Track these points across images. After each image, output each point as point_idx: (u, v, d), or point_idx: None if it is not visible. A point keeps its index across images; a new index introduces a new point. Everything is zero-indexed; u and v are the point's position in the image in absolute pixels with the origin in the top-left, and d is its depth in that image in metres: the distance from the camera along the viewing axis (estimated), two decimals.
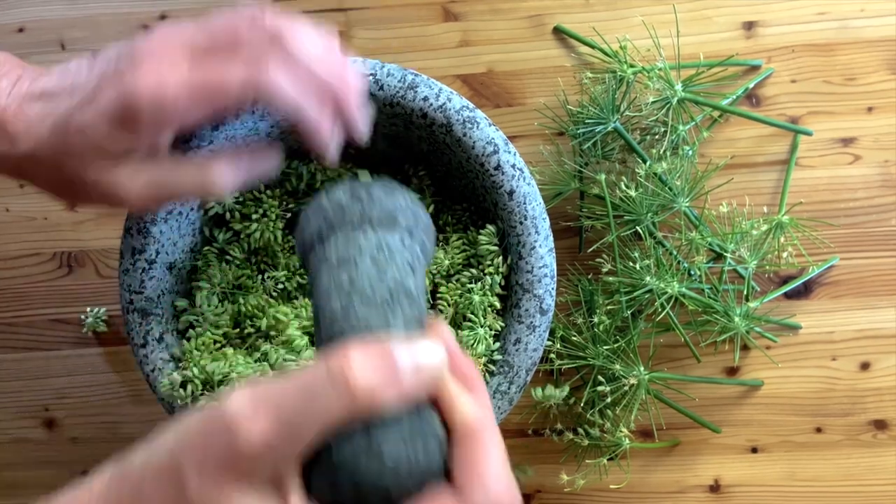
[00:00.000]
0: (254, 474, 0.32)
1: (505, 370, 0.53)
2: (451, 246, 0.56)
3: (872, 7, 0.65)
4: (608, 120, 0.61)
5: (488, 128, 0.53)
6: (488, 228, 0.55)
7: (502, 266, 0.54)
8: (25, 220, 0.68)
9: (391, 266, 0.38)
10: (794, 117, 0.66)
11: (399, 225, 0.40)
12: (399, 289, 0.37)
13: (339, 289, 0.37)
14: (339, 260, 0.38)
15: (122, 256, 0.54)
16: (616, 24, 0.66)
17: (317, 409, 0.32)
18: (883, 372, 0.65)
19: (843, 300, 0.66)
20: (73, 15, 0.68)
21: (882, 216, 0.65)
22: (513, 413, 0.65)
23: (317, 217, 0.41)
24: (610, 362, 0.60)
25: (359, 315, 0.36)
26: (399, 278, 0.38)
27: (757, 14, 0.66)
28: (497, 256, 0.55)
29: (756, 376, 0.66)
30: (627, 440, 0.62)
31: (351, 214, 0.40)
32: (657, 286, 0.58)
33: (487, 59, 0.67)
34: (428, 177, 0.59)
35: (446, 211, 0.59)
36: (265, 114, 0.54)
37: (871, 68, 0.66)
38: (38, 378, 0.68)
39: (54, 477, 0.68)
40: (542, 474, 0.66)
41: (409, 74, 0.53)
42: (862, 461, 0.65)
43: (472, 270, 0.56)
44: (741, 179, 0.66)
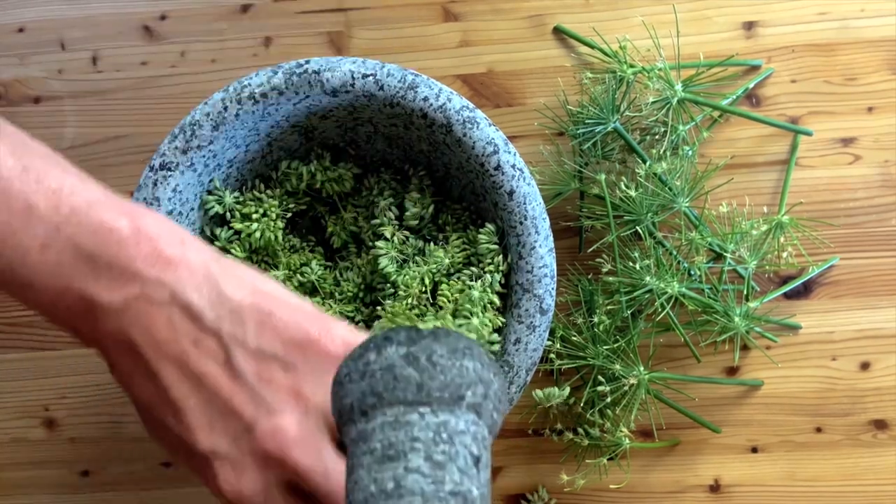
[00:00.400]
0: None
1: (505, 370, 0.53)
2: (451, 245, 0.56)
3: (873, 7, 0.65)
4: (608, 120, 0.61)
5: (488, 128, 0.53)
6: (488, 227, 0.55)
7: (502, 264, 0.54)
8: None
9: (451, 466, 0.31)
10: (794, 117, 0.66)
11: (465, 402, 0.33)
12: (459, 501, 0.31)
13: (381, 495, 0.30)
14: (385, 451, 0.31)
15: None
16: (616, 24, 0.66)
17: None
18: (883, 372, 0.65)
19: (843, 300, 0.66)
20: (73, 15, 0.68)
21: (882, 216, 0.65)
22: (513, 413, 0.65)
23: (360, 382, 0.33)
24: (610, 362, 0.60)
25: None
26: (460, 484, 0.31)
27: (757, 14, 0.66)
28: (497, 255, 0.55)
29: (756, 376, 0.66)
30: (627, 440, 0.62)
31: (405, 386, 0.32)
32: (657, 286, 0.58)
33: (487, 59, 0.67)
34: (428, 177, 0.59)
35: (446, 210, 0.59)
36: (265, 114, 0.55)
37: (871, 68, 0.66)
38: (38, 378, 0.68)
39: (54, 477, 0.68)
40: (543, 474, 0.66)
41: (409, 74, 0.53)
42: (862, 461, 0.65)
43: (472, 269, 0.56)
44: (741, 179, 0.66)
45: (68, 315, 0.40)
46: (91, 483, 0.68)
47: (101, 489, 0.68)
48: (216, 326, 0.41)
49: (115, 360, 0.42)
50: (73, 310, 0.40)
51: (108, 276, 0.39)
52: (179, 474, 0.67)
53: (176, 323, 0.40)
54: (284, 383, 0.42)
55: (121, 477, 0.68)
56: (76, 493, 0.68)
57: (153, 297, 0.40)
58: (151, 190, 0.54)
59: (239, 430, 0.41)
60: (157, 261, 0.40)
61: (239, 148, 0.56)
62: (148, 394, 0.42)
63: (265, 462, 0.42)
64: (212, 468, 0.42)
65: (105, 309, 0.40)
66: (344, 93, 0.54)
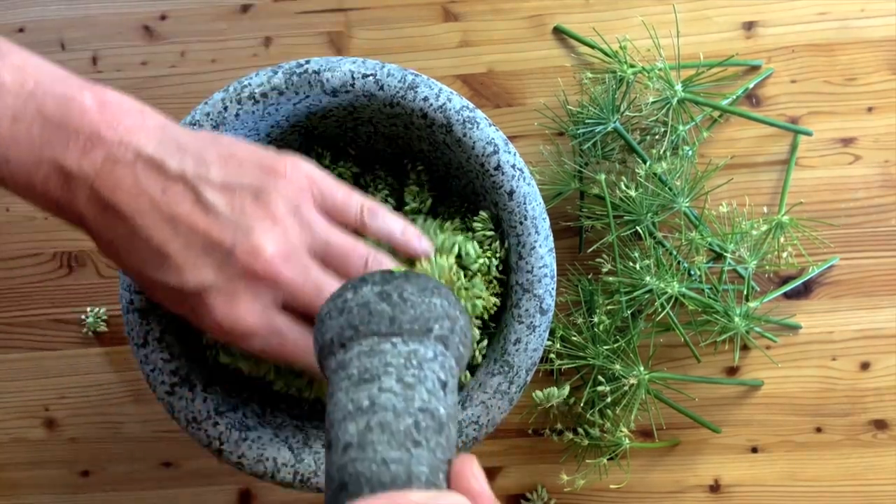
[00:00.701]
0: None
1: (505, 370, 0.53)
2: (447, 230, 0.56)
3: (873, 7, 0.65)
4: (608, 120, 0.61)
5: (488, 128, 0.53)
6: (482, 214, 0.55)
7: (500, 251, 0.54)
8: (25, 220, 0.68)
9: (420, 387, 0.34)
10: (794, 117, 0.66)
11: (433, 334, 0.36)
12: (427, 417, 0.33)
13: (358, 412, 0.33)
14: (361, 375, 0.35)
15: None
16: (616, 24, 0.66)
17: None
18: (883, 372, 0.65)
19: (843, 300, 0.66)
20: (73, 15, 0.68)
21: (882, 216, 0.66)
22: (513, 413, 0.65)
23: (339, 318, 0.37)
24: (610, 362, 0.60)
25: (377, 449, 0.32)
26: (428, 402, 0.34)
27: (757, 14, 0.66)
28: (494, 241, 0.55)
29: (756, 376, 0.66)
30: (627, 440, 0.62)
31: (379, 319, 0.36)
32: (657, 286, 0.58)
33: (487, 59, 0.67)
34: (426, 172, 0.58)
35: (444, 204, 0.59)
36: (265, 114, 0.54)
37: (871, 68, 0.66)
38: (38, 378, 0.68)
39: (54, 477, 0.68)
40: (542, 474, 0.66)
41: (409, 74, 0.53)
42: (862, 461, 0.65)
43: None
44: (741, 179, 0.66)
45: (46, 189, 0.43)
46: (91, 483, 0.68)
47: (101, 489, 0.68)
48: (180, 170, 0.43)
49: (98, 228, 0.43)
50: (50, 183, 0.42)
51: (76, 144, 0.42)
52: (179, 474, 0.67)
53: (142, 177, 0.43)
54: (258, 210, 0.44)
55: (121, 477, 0.68)
56: (76, 493, 0.68)
57: (119, 157, 0.43)
58: None
59: (222, 257, 0.43)
60: (119, 125, 0.43)
61: None
62: (134, 253, 0.44)
63: (255, 282, 0.44)
64: (206, 304, 0.44)
65: (77, 176, 0.42)
66: (344, 93, 0.54)
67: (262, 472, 0.53)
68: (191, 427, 0.53)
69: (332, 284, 0.45)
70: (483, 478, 0.35)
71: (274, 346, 0.46)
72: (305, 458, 0.53)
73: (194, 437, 0.53)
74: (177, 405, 0.52)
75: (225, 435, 0.53)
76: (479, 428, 0.53)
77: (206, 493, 0.67)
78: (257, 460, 0.53)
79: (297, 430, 0.56)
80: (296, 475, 0.53)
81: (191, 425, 0.53)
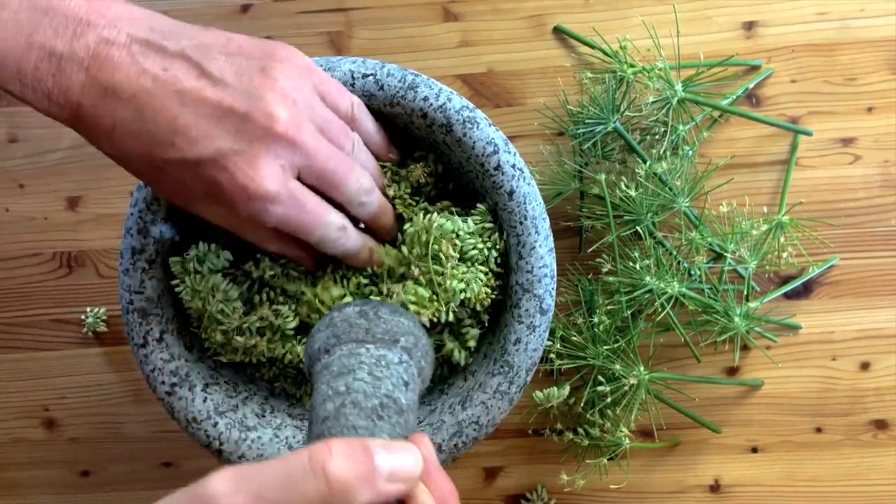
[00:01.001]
0: None
1: (505, 370, 0.53)
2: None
3: (873, 7, 0.65)
4: (608, 120, 0.61)
5: (488, 128, 0.53)
6: (479, 207, 0.55)
7: (499, 242, 0.54)
8: (25, 220, 0.68)
9: (386, 381, 0.41)
10: (794, 117, 0.66)
11: (399, 345, 0.44)
12: (390, 402, 0.40)
13: (336, 395, 0.40)
14: (340, 370, 0.41)
15: (122, 256, 0.54)
16: (616, 24, 0.66)
17: (293, 496, 0.33)
18: (883, 372, 0.65)
19: (844, 300, 0.66)
20: None
21: (882, 216, 0.65)
22: (513, 413, 0.65)
23: (326, 331, 0.44)
24: (610, 362, 0.60)
25: (349, 418, 0.39)
26: (391, 392, 0.41)
27: (757, 14, 0.66)
28: (493, 233, 0.54)
29: (756, 376, 0.66)
30: (627, 440, 0.62)
31: (357, 330, 0.44)
32: (657, 286, 0.58)
33: (487, 59, 0.67)
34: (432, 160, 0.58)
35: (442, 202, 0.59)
36: None
37: (871, 68, 0.66)
38: (38, 378, 0.68)
39: (54, 477, 0.68)
40: (542, 474, 0.66)
41: (409, 74, 0.53)
42: (862, 461, 0.65)
43: None
44: (741, 179, 0.66)
45: (38, 78, 0.42)
46: (91, 483, 0.68)
47: (101, 489, 0.68)
48: (179, 49, 0.43)
49: (98, 116, 0.42)
50: (41, 70, 0.41)
51: (65, 28, 0.41)
52: (179, 474, 0.67)
53: (140, 57, 0.42)
54: (265, 82, 0.44)
55: (121, 477, 0.68)
56: (76, 493, 0.68)
57: (112, 39, 0.42)
58: (151, 190, 0.54)
59: (237, 122, 0.43)
60: (108, 12, 0.42)
61: None
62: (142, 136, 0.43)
63: (275, 143, 0.43)
64: (226, 170, 0.43)
65: (70, 59, 0.41)
66: None
67: None
68: (191, 427, 0.53)
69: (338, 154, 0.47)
70: (433, 450, 0.40)
71: (293, 212, 0.46)
72: None
73: (194, 437, 0.53)
74: (177, 405, 0.52)
75: (225, 435, 0.53)
76: (480, 428, 0.53)
77: None
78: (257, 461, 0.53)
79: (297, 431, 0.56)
80: None
81: (191, 425, 0.53)
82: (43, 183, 0.68)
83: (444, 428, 0.53)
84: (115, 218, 0.67)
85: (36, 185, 0.68)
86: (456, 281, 0.52)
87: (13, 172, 0.68)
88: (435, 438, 0.53)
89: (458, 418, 0.53)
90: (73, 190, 0.68)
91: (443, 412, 0.54)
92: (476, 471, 0.67)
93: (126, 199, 0.67)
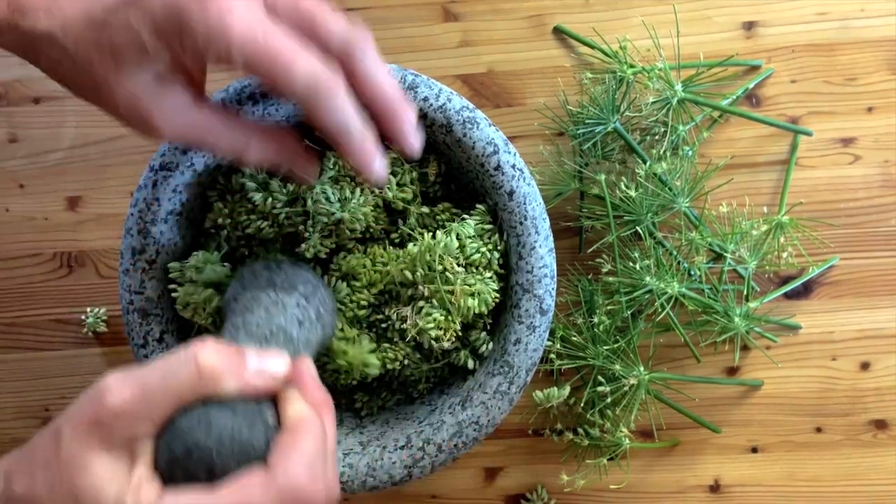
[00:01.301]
0: (112, 438, 0.37)
1: (505, 370, 0.53)
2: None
3: (873, 7, 0.65)
4: (608, 120, 0.61)
5: (488, 128, 0.53)
6: (479, 208, 0.55)
7: (500, 243, 0.54)
8: (25, 220, 0.68)
9: (280, 316, 0.45)
10: (794, 117, 0.66)
11: (297, 291, 0.48)
12: (280, 332, 0.44)
13: (233, 327, 0.45)
14: (242, 309, 0.46)
15: (122, 256, 0.54)
16: (616, 24, 0.66)
17: (170, 383, 0.38)
18: (883, 372, 0.65)
19: (843, 300, 0.66)
20: None
21: (882, 216, 0.66)
22: (513, 413, 0.66)
23: (237, 282, 0.49)
24: (610, 362, 0.60)
25: (239, 342, 0.43)
26: (284, 325, 0.45)
27: (757, 14, 0.66)
28: (493, 234, 0.54)
29: (756, 376, 0.66)
30: (627, 440, 0.62)
31: (260, 279, 0.48)
32: (657, 286, 0.58)
33: (487, 59, 0.67)
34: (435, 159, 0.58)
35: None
36: (266, 114, 0.54)
37: (871, 68, 0.66)
38: (38, 378, 0.68)
39: None
40: (542, 474, 0.66)
41: (409, 75, 0.53)
42: (862, 461, 0.65)
43: None
44: (741, 179, 0.66)
45: None
46: None
47: None
48: None
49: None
50: None
51: None
52: None
53: None
54: None
55: None
56: None
57: None
58: (151, 190, 0.54)
59: None
60: None
61: None
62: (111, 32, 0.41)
63: None
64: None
65: None
66: None
67: None
68: None
69: None
70: (313, 369, 0.43)
71: (261, 43, 0.40)
72: None
73: None
74: None
75: None
76: (480, 428, 0.53)
77: None
78: None
79: None
80: None
81: None
82: (43, 183, 0.68)
83: (444, 428, 0.53)
84: (115, 218, 0.67)
85: (36, 185, 0.68)
86: (468, 298, 0.52)
87: (13, 172, 0.68)
88: (435, 438, 0.53)
89: (458, 418, 0.53)
90: (73, 190, 0.68)
91: (443, 412, 0.54)
92: (476, 471, 0.67)
93: (126, 199, 0.67)
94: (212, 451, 0.38)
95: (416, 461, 0.53)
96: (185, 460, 0.38)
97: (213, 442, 0.38)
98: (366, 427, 0.58)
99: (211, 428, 0.39)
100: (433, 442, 0.53)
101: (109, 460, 0.37)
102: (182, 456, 0.38)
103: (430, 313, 0.52)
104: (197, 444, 0.38)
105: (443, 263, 0.52)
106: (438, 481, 0.67)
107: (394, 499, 0.67)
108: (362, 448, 0.54)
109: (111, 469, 0.37)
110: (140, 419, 0.37)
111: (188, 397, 0.38)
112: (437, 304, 0.53)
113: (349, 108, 0.43)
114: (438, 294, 0.52)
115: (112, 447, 0.37)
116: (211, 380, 0.39)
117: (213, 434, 0.39)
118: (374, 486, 0.53)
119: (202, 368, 0.38)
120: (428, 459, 0.53)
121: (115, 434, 0.37)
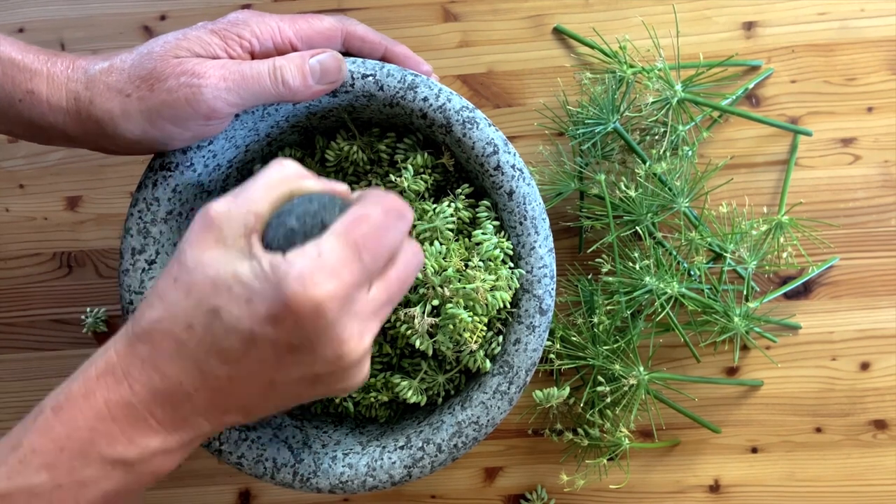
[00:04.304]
0: (225, 236, 0.41)
1: (505, 370, 0.53)
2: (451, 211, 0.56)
3: (872, 7, 0.65)
4: (608, 120, 0.61)
5: (488, 128, 0.53)
6: (484, 202, 0.55)
7: (505, 241, 0.54)
8: (25, 220, 0.68)
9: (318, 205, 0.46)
10: (794, 117, 0.66)
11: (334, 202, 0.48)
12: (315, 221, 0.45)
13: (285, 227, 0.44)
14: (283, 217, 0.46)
15: (121, 256, 0.54)
16: (616, 24, 0.66)
17: (267, 182, 0.43)
18: (883, 372, 0.65)
19: (843, 300, 0.66)
20: (73, 15, 0.68)
21: (882, 216, 0.66)
22: (513, 413, 0.66)
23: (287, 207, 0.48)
24: (610, 362, 0.60)
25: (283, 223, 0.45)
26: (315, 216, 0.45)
27: (757, 14, 0.66)
28: (500, 230, 0.54)
29: (756, 376, 0.66)
30: (627, 440, 0.62)
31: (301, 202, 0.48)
32: (657, 286, 0.58)
33: (487, 59, 0.67)
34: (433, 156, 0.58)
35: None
36: (265, 114, 0.55)
37: (871, 68, 0.66)
38: (38, 378, 0.68)
39: None
40: (542, 474, 0.66)
41: (409, 75, 0.53)
42: (862, 461, 0.65)
43: None
44: (741, 179, 0.66)
45: None
46: None
47: None
48: None
49: None
50: None
51: None
52: (179, 474, 0.67)
53: None
54: None
55: None
56: None
57: None
58: (151, 190, 0.54)
59: None
60: None
61: (238, 148, 0.56)
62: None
63: None
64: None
65: None
66: (343, 93, 0.54)
67: (261, 473, 0.53)
68: None
69: None
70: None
71: None
72: (305, 459, 0.53)
73: None
74: None
75: (225, 435, 0.53)
76: (479, 428, 0.53)
77: (206, 493, 0.68)
78: (257, 460, 0.53)
79: (297, 430, 0.56)
80: (295, 475, 0.53)
81: None
82: (43, 183, 0.68)
83: (443, 428, 0.53)
84: (115, 218, 0.67)
85: (36, 185, 0.68)
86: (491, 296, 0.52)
87: (13, 172, 0.68)
88: (435, 438, 0.53)
89: (458, 418, 0.53)
90: (73, 190, 0.68)
91: (443, 412, 0.54)
92: (476, 471, 0.67)
93: (126, 199, 0.67)
94: (295, 229, 0.43)
95: (416, 461, 0.53)
96: (284, 236, 0.43)
97: (298, 220, 0.43)
98: (366, 427, 0.58)
99: (293, 212, 0.43)
100: (433, 442, 0.53)
101: (231, 249, 0.41)
102: (281, 233, 0.42)
103: (457, 315, 0.52)
104: (286, 221, 0.42)
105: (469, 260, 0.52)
106: (438, 481, 0.67)
107: (394, 499, 0.67)
108: (362, 448, 0.54)
109: (236, 254, 0.41)
110: (246, 213, 0.42)
111: (282, 190, 0.43)
112: (460, 304, 0.52)
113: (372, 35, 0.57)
114: (461, 293, 0.52)
115: (227, 245, 0.41)
116: (297, 178, 0.44)
117: (297, 213, 0.43)
118: (373, 486, 0.53)
119: (285, 165, 0.44)
120: (427, 459, 0.53)
121: (227, 232, 0.41)
